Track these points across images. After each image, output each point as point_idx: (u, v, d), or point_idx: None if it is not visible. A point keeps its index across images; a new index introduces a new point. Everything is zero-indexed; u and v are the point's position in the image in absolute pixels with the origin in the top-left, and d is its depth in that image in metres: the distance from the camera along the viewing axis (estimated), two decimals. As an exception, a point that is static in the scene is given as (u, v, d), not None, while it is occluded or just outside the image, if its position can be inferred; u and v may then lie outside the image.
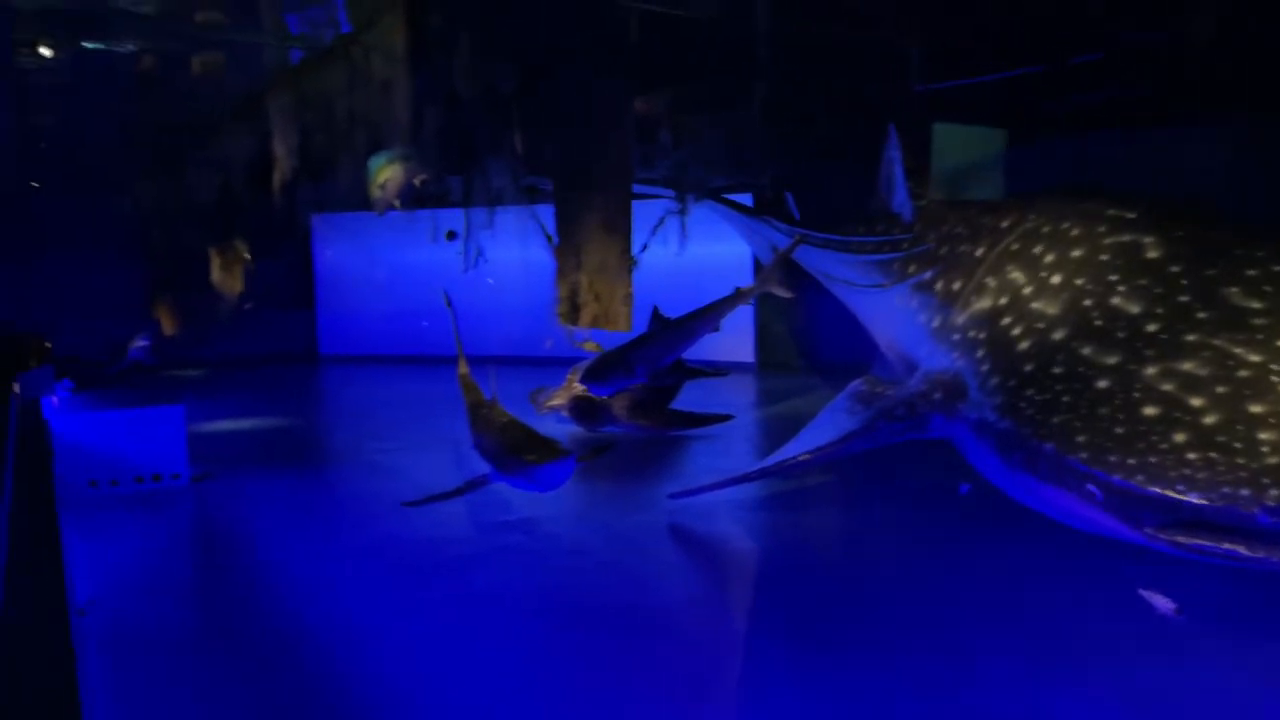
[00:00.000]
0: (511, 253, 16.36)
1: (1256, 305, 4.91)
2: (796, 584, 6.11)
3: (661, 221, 9.16)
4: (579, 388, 10.73)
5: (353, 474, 9.39)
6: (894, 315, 8.84)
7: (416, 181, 9.13)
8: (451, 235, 13.38)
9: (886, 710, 4.34)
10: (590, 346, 8.03)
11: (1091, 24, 7.36)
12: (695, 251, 13.42)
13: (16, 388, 10.00)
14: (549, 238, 7.30)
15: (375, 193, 9.01)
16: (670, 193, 10.76)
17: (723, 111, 8.57)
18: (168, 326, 16.75)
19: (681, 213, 9.59)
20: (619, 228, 6.90)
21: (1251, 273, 5.13)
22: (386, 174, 8.63)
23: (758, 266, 16.83)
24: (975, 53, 7.30)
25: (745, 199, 14.05)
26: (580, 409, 10.55)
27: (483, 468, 7.60)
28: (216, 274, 14.77)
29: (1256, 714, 4.24)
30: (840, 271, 10.72)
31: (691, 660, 5.02)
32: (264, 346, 18.80)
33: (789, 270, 9.18)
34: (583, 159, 6.69)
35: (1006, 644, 5.04)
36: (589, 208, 6.70)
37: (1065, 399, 5.17)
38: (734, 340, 15.16)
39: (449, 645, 5.24)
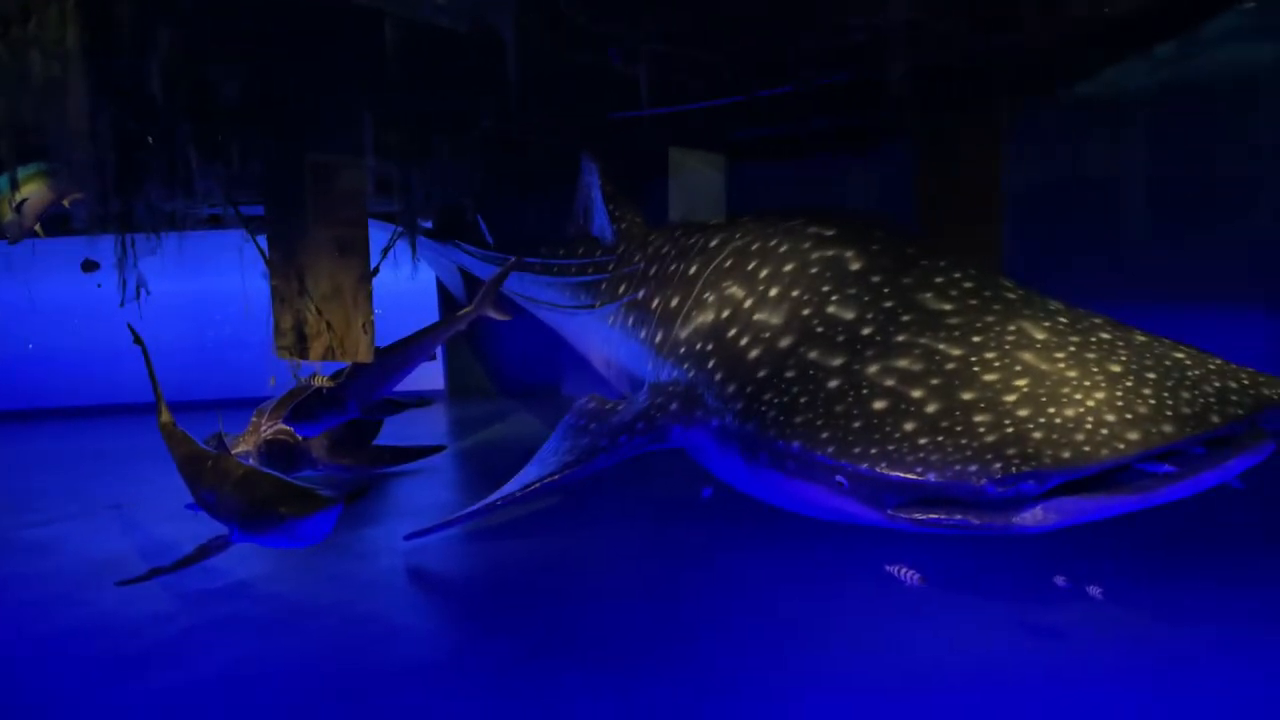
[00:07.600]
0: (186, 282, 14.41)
1: (948, 307, 5.71)
2: (561, 610, 6.02)
3: (392, 242, 8.59)
4: (270, 429, 9.73)
5: (-5, 557, 7.63)
6: (608, 334, 9.08)
7: (67, 202, 7.65)
8: (90, 265, 11.34)
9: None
10: (321, 381, 7.27)
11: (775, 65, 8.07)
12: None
13: None
14: (267, 262, 6.47)
15: (7, 215, 7.39)
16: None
17: (434, 131, 8.24)
18: None
19: (411, 234, 9.09)
20: (354, 249, 6.33)
21: (939, 280, 5.97)
22: (27, 192, 7.10)
23: (442, 292, 16.56)
24: (669, 84, 7.72)
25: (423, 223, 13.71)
26: (274, 453, 9.55)
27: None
28: None
29: (1003, 662, 4.92)
30: (546, 294, 10.82)
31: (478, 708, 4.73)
32: None
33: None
34: (308, 174, 6.05)
35: (776, 635, 5.37)
36: (315, 229, 6.05)
37: (803, 400, 5.61)
38: (421, 369, 14.77)
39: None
